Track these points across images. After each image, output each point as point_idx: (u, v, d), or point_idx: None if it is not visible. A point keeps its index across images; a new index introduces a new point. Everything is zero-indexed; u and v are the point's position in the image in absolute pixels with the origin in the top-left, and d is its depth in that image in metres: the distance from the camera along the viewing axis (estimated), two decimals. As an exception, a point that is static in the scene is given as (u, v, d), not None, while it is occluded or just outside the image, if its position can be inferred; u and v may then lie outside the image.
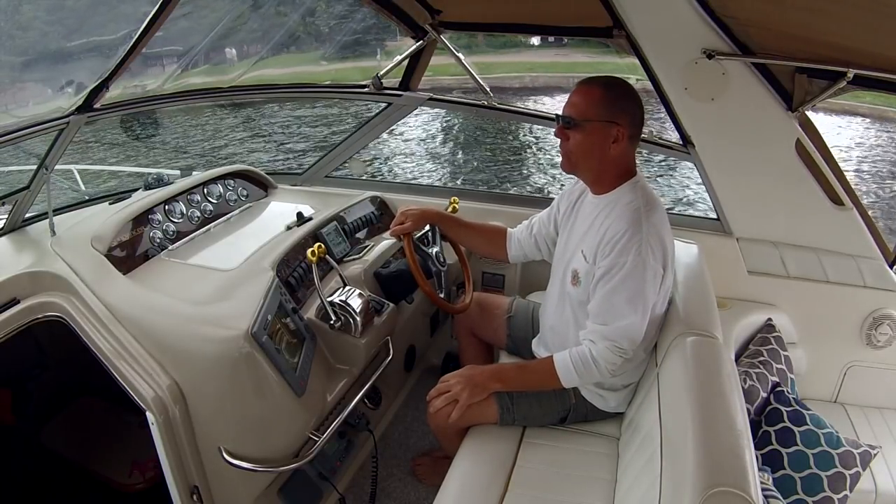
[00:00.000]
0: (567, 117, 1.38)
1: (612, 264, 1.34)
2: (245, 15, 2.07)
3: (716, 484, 0.91)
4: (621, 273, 1.33)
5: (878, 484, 1.69)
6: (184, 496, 1.37)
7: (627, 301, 1.33)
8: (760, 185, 1.95)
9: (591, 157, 1.40)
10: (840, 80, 1.64)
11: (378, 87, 2.34)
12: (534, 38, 9.95)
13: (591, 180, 1.48)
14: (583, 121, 1.36)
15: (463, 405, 1.47)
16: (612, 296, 1.34)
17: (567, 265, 1.52)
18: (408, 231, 1.70)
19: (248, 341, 1.30)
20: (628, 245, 1.32)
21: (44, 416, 2.01)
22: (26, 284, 1.48)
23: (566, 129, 1.39)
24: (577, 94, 1.39)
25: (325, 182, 2.59)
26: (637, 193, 1.40)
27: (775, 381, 1.76)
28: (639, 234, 1.33)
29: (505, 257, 1.80)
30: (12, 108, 1.65)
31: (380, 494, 1.79)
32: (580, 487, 1.39)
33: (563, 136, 1.41)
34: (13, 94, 1.65)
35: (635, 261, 1.32)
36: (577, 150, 1.40)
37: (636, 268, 1.32)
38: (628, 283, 1.33)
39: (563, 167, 1.47)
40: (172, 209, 1.86)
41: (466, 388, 1.48)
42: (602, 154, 1.39)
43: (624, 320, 1.34)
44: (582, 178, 1.51)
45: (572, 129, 1.39)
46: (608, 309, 1.35)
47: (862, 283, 1.94)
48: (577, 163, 1.43)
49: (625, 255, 1.32)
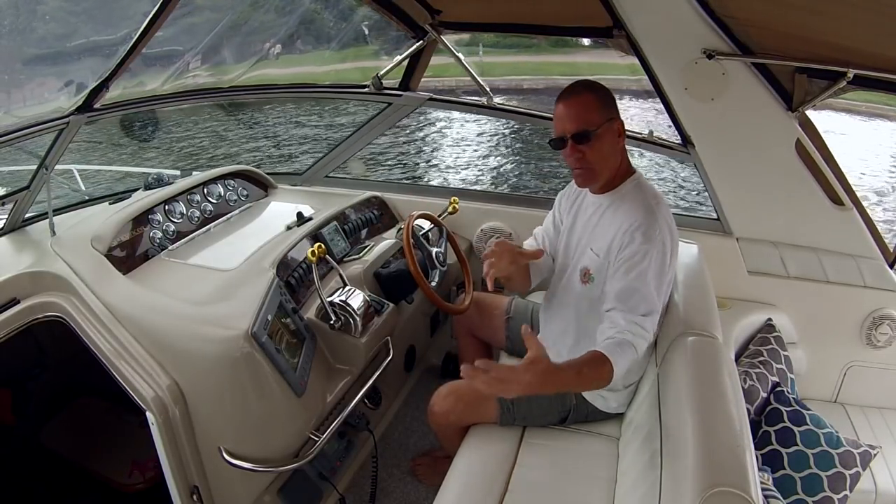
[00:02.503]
0: (581, 132, 1.34)
1: (633, 252, 1.33)
2: (245, 14, 2.07)
3: (716, 484, 0.91)
4: (645, 260, 1.32)
5: (878, 484, 1.69)
6: (184, 496, 1.37)
7: (655, 288, 1.33)
8: (760, 185, 1.95)
9: (609, 159, 1.40)
10: (840, 80, 1.64)
11: (378, 87, 2.34)
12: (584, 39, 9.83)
13: (606, 182, 1.45)
14: (595, 129, 1.35)
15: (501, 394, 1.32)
16: (641, 283, 1.32)
17: (574, 265, 1.51)
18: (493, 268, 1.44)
19: (248, 341, 1.30)
20: (649, 233, 1.33)
21: (44, 416, 2.01)
22: (26, 284, 1.48)
23: (581, 143, 1.35)
24: (574, 107, 1.36)
25: (325, 182, 2.59)
26: (644, 189, 1.43)
27: (775, 381, 1.76)
28: (656, 223, 1.35)
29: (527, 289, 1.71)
30: (12, 108, 1.65)
31: (380, 494, 1.79)
32: (580, 487, 1.39)
33: (579, 153, 1.36)
34: (13, 93, 1.65)
35: (657, 248, 1.33)
36: (598, 158, 1.37)
37: (658, 254, 1.33)
38: (653, 268, 1.32)
39: (580, 183, 1.44)
40: (172, 209, 1.86)
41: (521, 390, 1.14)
42: (615, 153, 1.41)
43: (656, 308, 1.33)
44: (598, 184, 1.45)
45: (588, 143, 1.35)
46: (640, 297, 1.31)
47: (862, 283, 1.94)
48: (598, 171, 1.40)
49: (647, 243, 1.33)
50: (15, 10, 1.51)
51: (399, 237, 2.02)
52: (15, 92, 1.65)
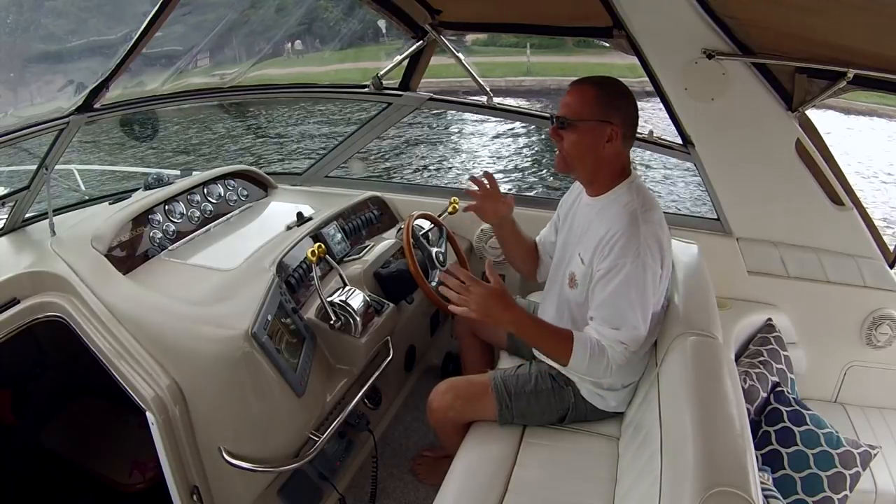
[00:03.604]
0: (561, 117, 1.37)
1: (611, 266, 1.33)
2: (246, 14, 2.06)
3: (716, 484, 0.91)
4: (621, 275, 1.31)
5: (878, 484, 1.69)
6: (184, 496, 1.36)
7: (630, 304, 1.32)
8: (760, 185, 1.95)
9: (586, 157, 1.39)
10: (840, 80, 1.64)
11: (378, 87, 2.34)
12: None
13: (585, 181, 1.47)
14: (576, 120, 1.35)
15: (466, 315, 1.34)
16: (616, 298, 1.33)
17: (565, 268, 1.52)
18: (476, 209, 1.62)
19: (248, 341, 1.30)
20: (627, 247, 1.31)
21: (44, 416, 2.01)
22: (26, 284, 1.48)
23: (560, 129, 1.38)
24: (570, 94, 1.38)
25: (325, 182, 2.59)
26: (633, 195, 1.40)
27: (775, 381, 1.76)
28: (637, 236, 1.32)
29: (534, 277, 1.77)
30: (12, 108, 1.65)
31: (380, 494, 1.79)
32: (580, 487, 1.39)
33: (558, 137, 1.40)
34: (13, 93, 1.65)
35: (635, 262, 1.31)
36: (572, 150, 1.39)
37: (636, 269, 1.31)
38: (630, 284, 1.31)
39: (557, 167, 1.46)
40: (172, 209, 1.86)
41: (480, 306, 1.32)
42: (596, 154, 1.38)
43: (632, 323, 1.33)
44: (577, 178, 1.50)
45: (566, 130, 1.37)
46: (615, 312, 1.33)
47: (862, 283, 1.94)
48: (571, 163, 1.42)
49: (624, 256, 1.31)
50: (18, 7, 1.51)
51: (399, 237, 2.02)
52: (16, 92, 1.65)
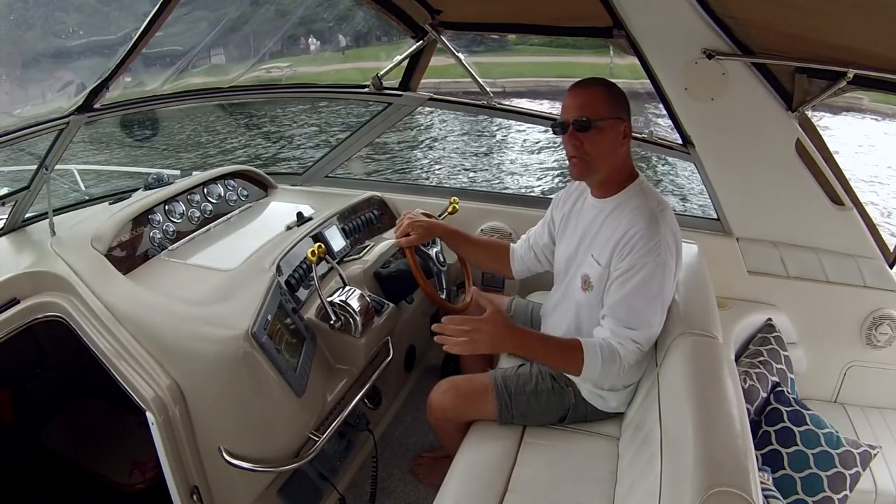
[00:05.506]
0: (581, 119, 1.33)
1: (631, 264, 1.32)
2: (246, 14, 2.06)
3: (716, 484, 0.91)
4: (642, 273, 1.31)
5: (878, 484, 1.69)
6: (184, 496, 1.36)
7: (649, 303, 1.32)
8: (760, 185, 1.95)
9: (608, 156, 1.38)
10: (840, 80, 1.64)
11: (378, 87, 2.34)
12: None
13: (601, 181, 1.44)
14: (598, 120, 1.33)
15: (470, 351, 1.32)
16: (635, 298, 1.32)
17: (575, 271, 1.51)
18: (412, 244, 1.69)
19: (248, 341, 1.29)
20: (649, 245, 1.31)
21: (44, 416, 2.01)
22: (26, 284, 1.47)
23: (580, 131, 1.35)
24: (581, 96, 1.36)
25: (325, 182, 2.59)
26: (648, 195, 1.40)
27: (775, 381, 1.76)
28: (657, 234, 1.32)
29: (509, 273, 1.79)
30: (12, 108, 1.65)
31: (380, 494, 1.79)
32: (580, 487, 1.39)
33: (577, 141, 1.36)
34: (13, 94, 1.65)
35: (656, 262, 1.31)
36: (595, 150, 1.36)
37: (657, 268, 1.31)
38: (650, 283, 1.31)
39: (575, 174, 1.42)
40: (172, 209, 1.86)
41: (485, 341, 1.30)
42: (616, 152, 1.38)
43: (649, 323, 1.33)
44: (594, 181, 1.46)
45: (588, 131, 1.34)
46: (633, 312, 1.33)
47: (862, 283, 1.94)
48: (593, 164, 1.38)
49: (646, 255, 1.31)
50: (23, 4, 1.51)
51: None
52: (16, 92, 1.65)
